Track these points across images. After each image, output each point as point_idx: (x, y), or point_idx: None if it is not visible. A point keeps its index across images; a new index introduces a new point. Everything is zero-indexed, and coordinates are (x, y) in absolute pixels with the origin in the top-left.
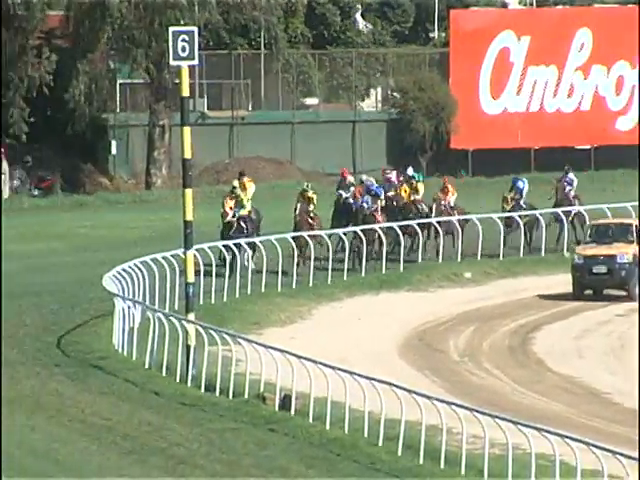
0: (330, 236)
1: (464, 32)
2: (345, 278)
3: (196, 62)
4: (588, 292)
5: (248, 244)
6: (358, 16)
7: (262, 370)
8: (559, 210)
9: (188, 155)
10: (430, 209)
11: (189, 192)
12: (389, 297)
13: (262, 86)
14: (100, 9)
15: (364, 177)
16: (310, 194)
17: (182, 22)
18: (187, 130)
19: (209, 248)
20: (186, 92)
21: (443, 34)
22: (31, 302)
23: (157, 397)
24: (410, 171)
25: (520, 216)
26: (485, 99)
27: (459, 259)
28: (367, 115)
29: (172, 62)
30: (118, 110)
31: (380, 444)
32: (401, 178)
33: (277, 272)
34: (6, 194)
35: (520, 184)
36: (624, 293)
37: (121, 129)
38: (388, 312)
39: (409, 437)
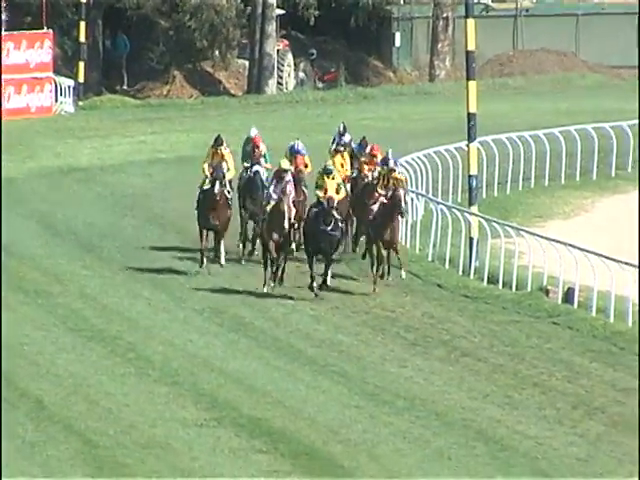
0: None
1: None
2: (629, 170)
3: None
4: None
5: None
6: None
7: (545, 263)
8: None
9: (472, 47)
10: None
11: (473, 84)
12: None
13: None
14: None
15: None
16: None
17: None
18: (471, 22)
19: (492, 141)
20: None
21: None
22: None
23: (440, 289)
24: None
25: None
26: None
27: None
28: None
29: None
30: (402, 2)
31: None
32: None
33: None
34: (291, 86)
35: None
36: None
37: (405, 21)
38: None
39: None
